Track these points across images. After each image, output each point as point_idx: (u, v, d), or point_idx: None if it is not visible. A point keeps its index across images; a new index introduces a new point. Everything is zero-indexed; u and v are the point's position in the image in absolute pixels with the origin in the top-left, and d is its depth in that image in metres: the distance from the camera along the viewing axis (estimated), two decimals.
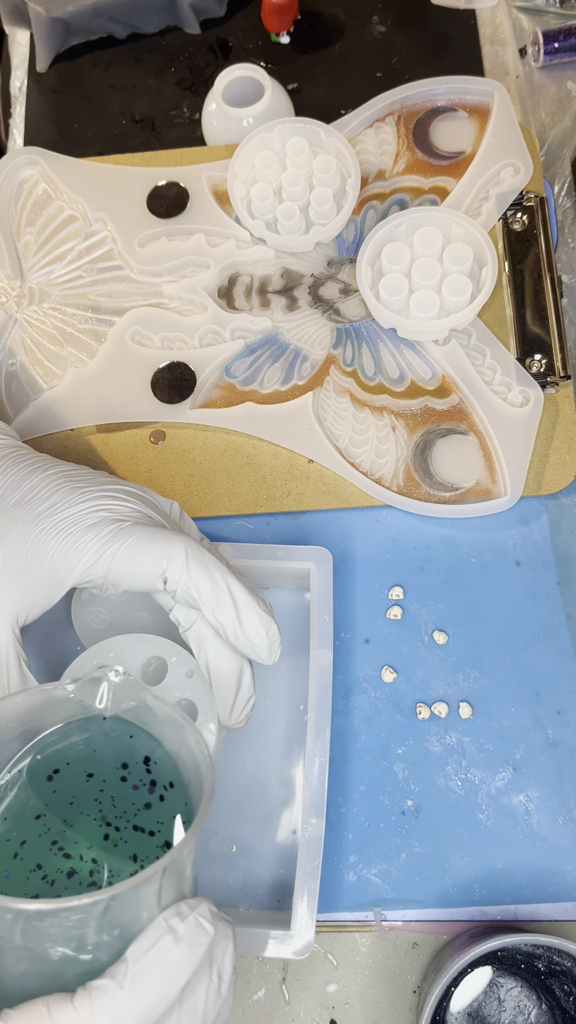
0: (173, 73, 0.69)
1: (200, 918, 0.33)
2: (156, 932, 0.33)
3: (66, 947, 0.32)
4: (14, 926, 0.31)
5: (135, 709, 0.39)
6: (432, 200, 0.59)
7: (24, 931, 0.31)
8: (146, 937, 0.32)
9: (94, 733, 0.40)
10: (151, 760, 0.39)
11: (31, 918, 0.31)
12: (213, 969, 0.34)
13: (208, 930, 0.33)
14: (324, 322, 0.58)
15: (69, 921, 0.31)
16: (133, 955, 0.32)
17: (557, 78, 0.65)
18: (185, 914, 0.33)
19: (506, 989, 0.46)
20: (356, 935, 0.48)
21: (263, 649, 0.42)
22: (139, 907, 0.33)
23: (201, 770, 0.37)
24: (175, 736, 0.39)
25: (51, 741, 0.40)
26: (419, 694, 0.51)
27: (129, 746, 0.40)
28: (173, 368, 0.57)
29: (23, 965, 0.32)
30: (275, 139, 0.59)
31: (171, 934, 0.33)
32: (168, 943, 0.32)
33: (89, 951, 0.32)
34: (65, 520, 0.41)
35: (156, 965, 0.32)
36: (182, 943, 0.33)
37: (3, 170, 0.62)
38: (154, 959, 0.32)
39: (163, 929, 0.33)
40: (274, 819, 0.49)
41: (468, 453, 0.54)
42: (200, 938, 0.33)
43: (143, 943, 0.32)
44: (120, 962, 0.32)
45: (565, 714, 0.50)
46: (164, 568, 0.40)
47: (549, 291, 0.56)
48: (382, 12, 0.68)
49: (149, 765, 0.40)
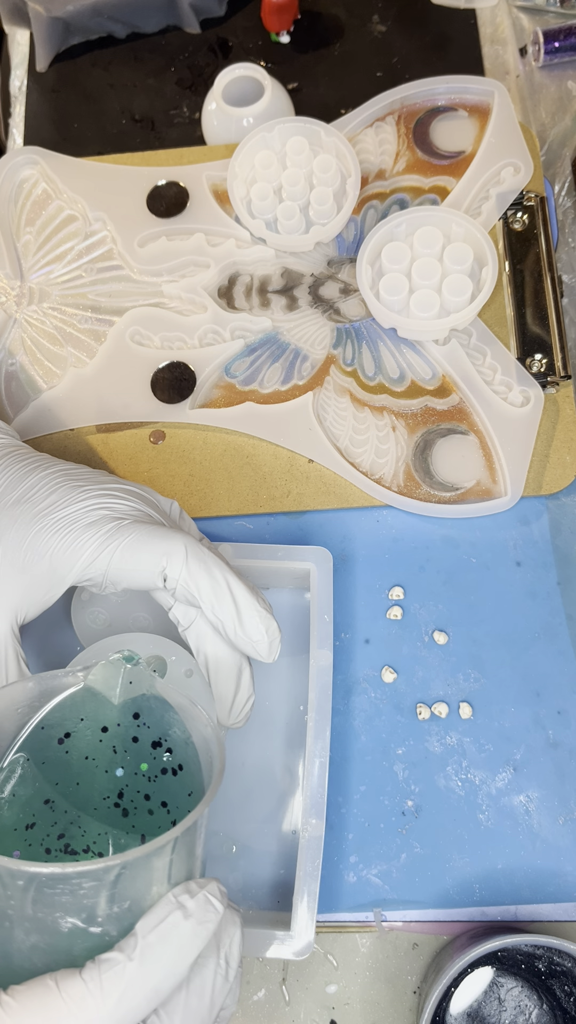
0: (173, 73, 0.68)
1: (209, 895, 0.34)
2: (166, 907, 0.33)
3: (76, 918, 0.32)
4: (26, 894, 0.31)
5: (143, 698, 0.39)
6: (432, 200, 0.59)
7: (36, 899, 0.31)
8: (156, 912, 0.33)
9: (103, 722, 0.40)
10: (161, 743, 0.40)
11: (43, 885, 0.31)
12: (221, 954, 0.34)
13: (217, 908, 0.34)
14: (324, 322, 0.58)
15: (81, 889, 0.31)
16: (143, 929, 0.32)
17: (557, 77, 0.65)
18: (194, 891, 0.34)
19: (506, 989, 0.46)
20: (356, 936, 0.48)
21: (263, 646, 0.42)
22: (150, 879, 0.33)
23: (212, 749, 0.37)
24: (185, 721, 0.39)
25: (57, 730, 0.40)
26: (419, 694, 0.51)
27: (138, 732, 0.40)
28: (173, 368, 0.57)
29: (33, 938, 0.32)
30: (275, 139, 0.59)
31: (181, 910, 0.33)
32: (178, 918, 0.33)
33: (99, 923, 0.32)
34: (65, 518, 0.41)
35: (166, 939, 0.32)
36: (192, 919, 0.33)
37: (3, 170, 0.62)
38: (164, 933, 0.32)
39: (173, 905, 0.33)
40: (274, 819, 0.49)
41: (468, 453, 0.54)
42: (209, 915, 0.33)
43: (153, 917, 0.33)
44: (130, 936, 0.32)
45: (565, 714, 0.50)
46: (164, 566, 0.40)
47: (549, 291, 0.56)
48: (382, 12, 0.68)
49: (158, 749, 0.40)
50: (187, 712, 0.39)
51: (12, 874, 0.31)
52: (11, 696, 0.39)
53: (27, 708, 0.39)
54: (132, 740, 0.40)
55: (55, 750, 0.39)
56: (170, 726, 0.40)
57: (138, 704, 0.40)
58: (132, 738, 0.40)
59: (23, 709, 0.39)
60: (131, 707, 0.39)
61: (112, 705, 0.39)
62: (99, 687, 0.39)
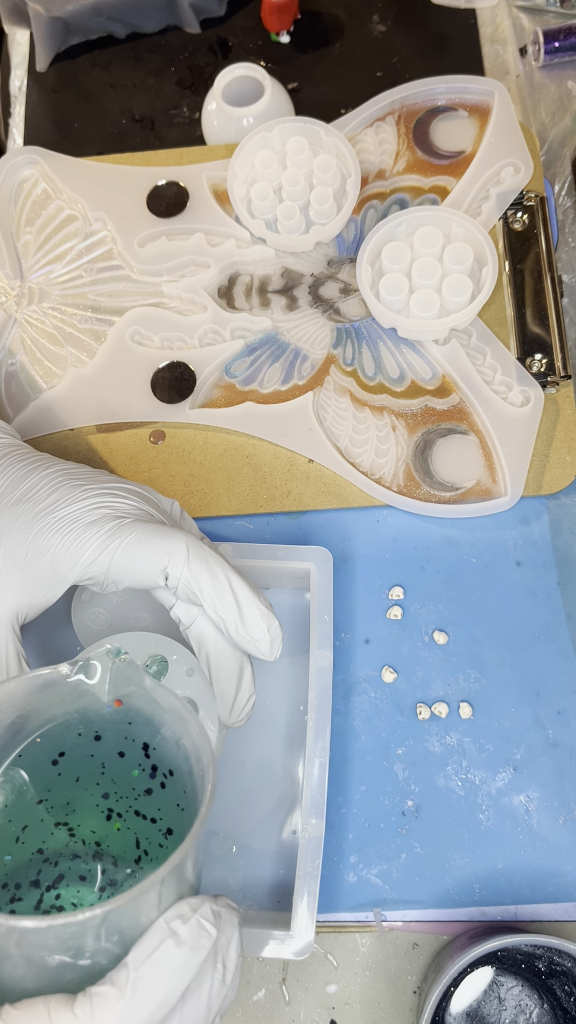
0: (173, 72, 0.68)
1: (202, 920, 0.33)
2: (157, 936, 0.32)
3: (63, 955, 0.31)
4: (9, 938, 0.30)
5: (134, 694, 0.39)
6: (432, 199, 0.59)
7: (20, 942, 0.31)
8: (147, 941, 0.32)
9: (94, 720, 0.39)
10: (150, 747, 0.39)
11: (26, 931, 0.30)
12: (218, 957, 0.33)
13: (211, 932, 0.33)
14: (324, 322, 0.58)
15: (65, 932, 0.31)
16: (134, 960, 0.31)
17: (557, 77, 0.65)
18: (187, 916, 0.33)
19: (507, 988, 0.46)
20: (356, 935, 0.48)
21: (265, 644, 0.42)
22: (139, 913, 0.32)
23: (203, 763, 0.36)
24: (176, 724, 0.38)
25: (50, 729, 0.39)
26: (419, 694, 0.51)
27: (128, 732, 0.39)
28: (173, 368, 0.57)
29: (20, 970, 0.32)
30: (275, 138, 0.59)
31: (173, 938, 0.32)
32: (170, 947, 0.32)
33: (88, 957, 0.32)
34: (66, 517, 0.41)
35: (158, 971, 0.31)
36: (184, 946, 0.32)
37: (3, 170, 0.62)
38: (156, 964, 0.31)
39: (165, 933, 0.32)
40: (274, 819, 0.49)
41: (468, 453, 0.54)
42: (203, 940, 0.32)
43: (144, 948, 0.32)
44: (121, 967, 0.31)
45: (565, 714, 0.50)
46: (165, 564, 0.40)
47: (549, 291, 0.56)
48: (382, 11, 0.68)
49: (148, 751, 0.39)
50: (177, 715, 0.38)
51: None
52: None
53: (13, 707, 0.38)
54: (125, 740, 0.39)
55: (48, 768, 0.39)
56: (160, 726, 0.39)
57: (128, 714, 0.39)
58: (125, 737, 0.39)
59: (11, 708, 0.38)
60: (122, 715, 0.39)
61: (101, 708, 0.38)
62: (87, 683, 0.38)
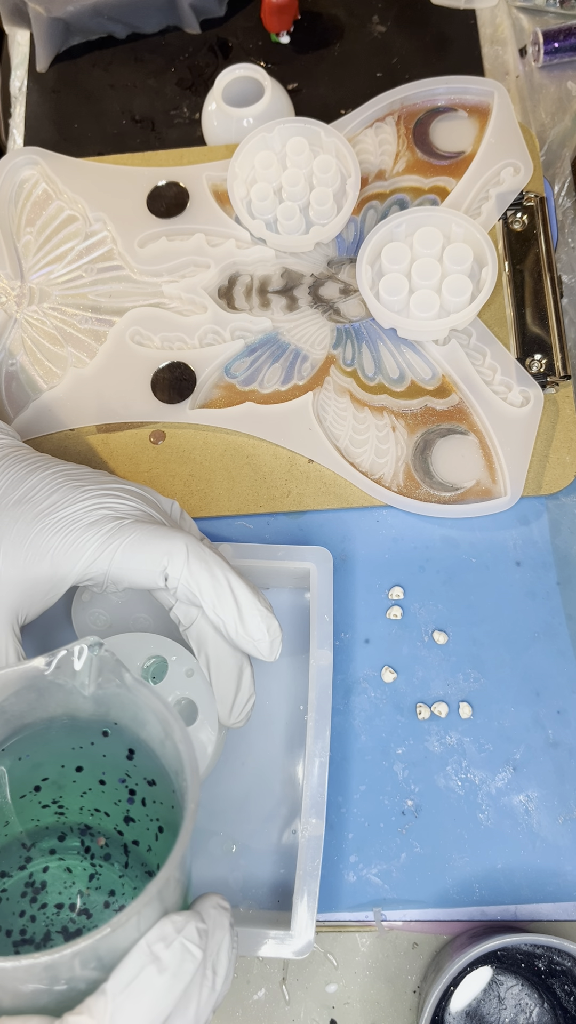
0: (173, 73, 0.69)
1: (187, 942, 0.30)
2: (139, 961, 0.30)
3: (37, 984, 0.29)
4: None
5: (116, 694, 0.36)
6: (432, 200, 0.59)
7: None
8: (127, 966, 0.29)
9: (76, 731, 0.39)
10: (134, 754, 0.38)
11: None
12: (207, 965, 0.31)
13: (196, 955, 0.30)
14: (324, 322, 0.58)
15: (35, 969, 0.29)
16: (113, 988, 0.29)
17: (557, 78, 0.65)
18: (170, 938, 0.30)
19: (507, 987, 0.46)
20: (356, 935, 0.48)
21: (264, 645, 0.42)
22: (117, 937, 0.30)
23: (185, 773, 0.34)
24: (158, 724, 0.36)
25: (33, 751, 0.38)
26: (419, 694, 0.51)
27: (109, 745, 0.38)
28: (173, 368, 0.57)
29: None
30: (275, 139, 0.59)
31: (155, 963, 0.30)
32: (151, 974, 0.29)
33: (64, 983, 0.29)
34: (66, 518, 0.41)
35: (138, 1000, 0.29)
36: (167, 973, 0.30)
37: (3, 170, 0.62)
38: (136, 992, 0.29)
39: (147, 957, 0.30)
40: (274, 819, 0.49)
41: (468, 453, 0.54)
42: (187, 965, 0.30)
43: (124, 974, 0.29)
44: (99, 994, 0.29)
45: (565, 714, 0.50)
46: (165, 565, 0.40)
47: (549, 291, 0.56)
48: (382, 12, 0.68)
49: (129, 767, 0.38)
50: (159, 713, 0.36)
51: None
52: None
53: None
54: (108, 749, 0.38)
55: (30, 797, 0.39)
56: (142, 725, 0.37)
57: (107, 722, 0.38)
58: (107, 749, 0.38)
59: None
60: (101, 725, 0.38)
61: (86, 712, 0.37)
62: (66, 678, 0.36)
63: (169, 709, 0.35)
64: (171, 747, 0.35)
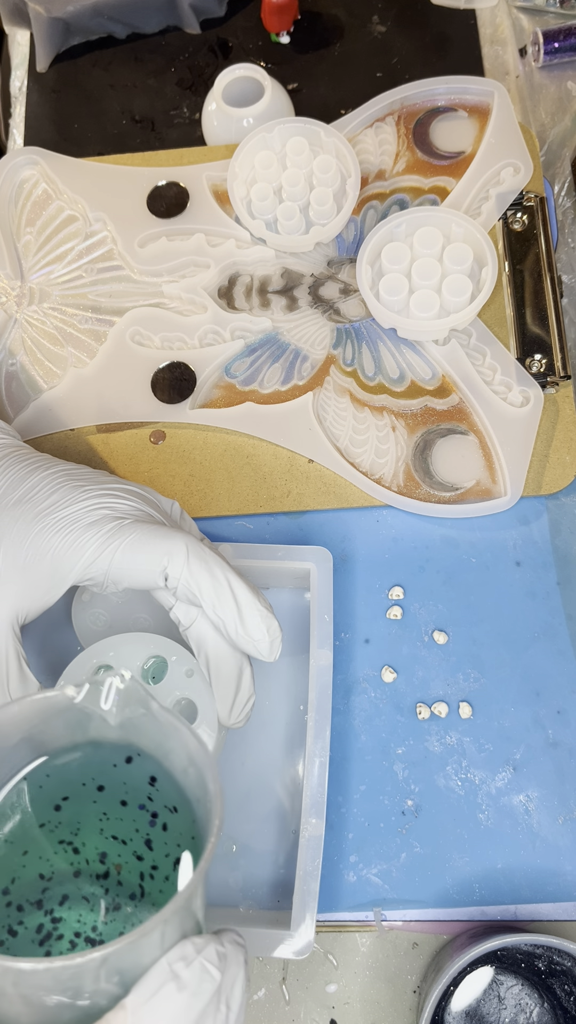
0: (173, 73, 0.69)
1: (206, 963, 0.31)
2: (159, 978, 0.30)
3: (62, 996, 0.30)
4: (5, 977, 0.29)
5: (141, 721, 0.37)
6: (432, 200, 0.59)
7: (16, 981, 0.29)
8: (147, 983, 0.30)
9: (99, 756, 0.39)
10: (156, 781, 0.38)
11: (22, 972, 0.29)
12: (221, 999, 0.31)
13: (215, 976, 0.31)
14: (324, 322, 0.58)
15: (63, 975, 0.29)
16: (133, 1003, 0.30)
17: (557, 78, 0.65)
18: (190, 958, 0.31)
19: (507, 987, 0.46)
20: (356, 935, 0.48)
21: (264, 645, 0.42)
22: (140, 953, 0.30)
23: (210, 796, 0.35)
24: (182, 752, 0.37)
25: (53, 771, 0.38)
26: (419, 694, 0.51)
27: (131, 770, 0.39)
28: (173, 368, 0.57)
29: (17, 1007, 0.30)
30: (275, 139, 0.59)
31: (175, 981, 0.30)
32: (171, 991, 0.30)
33: (87, 997, 0.30)
34: (66, 518, 0.41)
35: (157, 1016, 0.30)
36: (186, 991, 0.30)
37: (3, 170, 0.62)
38: (155, 1009, 0.30)
39: (166, 975, 0.30)
40: (274, 819, 0.49)
41: (468, 453, 0.54)
42: (205, 985, 0.31)
43: (144, 990, 0.30)
44: (119, 1009, 0.30)
45: (565, 714, 0.50)
46: (165, 565, 0.40)
47: (549, 291, 0.56)
48: (382, 12, 0.68)
49: (151, 791, 0.38)
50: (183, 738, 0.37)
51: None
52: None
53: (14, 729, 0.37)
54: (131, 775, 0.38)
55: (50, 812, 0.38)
56: (167, 754, 0.38)
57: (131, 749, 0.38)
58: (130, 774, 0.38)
59: (10, 731, 0.37)
60: (126, 751, 0.38)
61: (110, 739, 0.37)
62: (92, 706, 0.37)
63: (196, 736, 0.36)
64: (194, 774, 0.36)
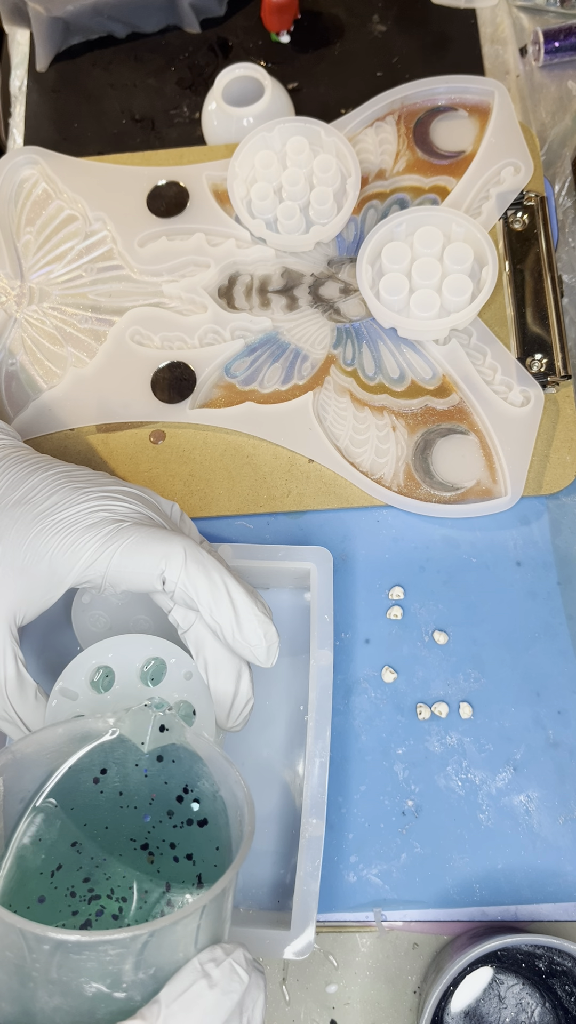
0: (173, 72, 0.68)
1: (235, 964, 0.33)
2: (191, 975, 0.32)
3: (101, 983, 0.32)
4: (51, 958, 0.31)
5: (174, 746, 0.40)
6: (432, 199, 0.59)
7: (61, 964, 0.31)
8: (180, 979, 0.32)
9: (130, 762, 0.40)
10: (188, 791, 0.40)
11: (69, 950, 0.31)
12: (243, 1018, 0.33)
13: (243, 977, 0.33)
14: (324, 322, 0.58)
15: (107, 956, 0.31)
16: (167, 997, 0.32)
17: (557, 77, 0.65)
18: (220, 959, 0.33)
19: (507, 987, 0.46)
20: (356, 935, 0.48)
21: (261, 651, 0.42)
22: (176, 946, 0.33)
23: (241, 808, 0.37)
24: (214, 773, 0.39)
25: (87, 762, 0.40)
26: (419, 694, 0.51)
27: (167, 777, 0.40)
28: (173, 368, 0.57)
29: (56, 999, 0.32)
30: (275, 138, 0.59)
31: (206, 979, 0.32)
32: (202, 987, 0.32)
33: (124, 989, 0.32)
34: (65, 520, 0.41)
35: (189, 1009, 0.31)
36: (216, 988, 0.32)
37: (3, 170, 0.62)
38: (188, 1003, 0.32)
39: (198, 973, 0.32)
40: (274, 819, 0.49)
41: (468, 453, 0.54)
42: (234, 984, 0.33)
43: (177, 985, 0.32)
44: (153, 1003, 0.31)
45: (565, 714, 0.50)
46: (162, 568, 0.40)
47: (549, 290, 0.56)
48: (382, 11, 0.68)
49: (186, 796, 0.40)
50: (218, 765, 0.39)
51: (39, 939, 0.31)
52: (40, 741, 0.39)
53: (55, 753, 0.39)
54: (163, 783, 0.40)
55: (87, 792, 0.39)
56: (198, 777, 0.40)
57: (166, 751, 0.40)
58: (163, 781, 0.40)
59: (51, 754, 0.39)
60: (158, 753, 0.40)
61: (141, 751, 0.40)
62: (129, 734, 0.39)
63: (226, 757, 0.38)
64: (227, 792, 0.38)
